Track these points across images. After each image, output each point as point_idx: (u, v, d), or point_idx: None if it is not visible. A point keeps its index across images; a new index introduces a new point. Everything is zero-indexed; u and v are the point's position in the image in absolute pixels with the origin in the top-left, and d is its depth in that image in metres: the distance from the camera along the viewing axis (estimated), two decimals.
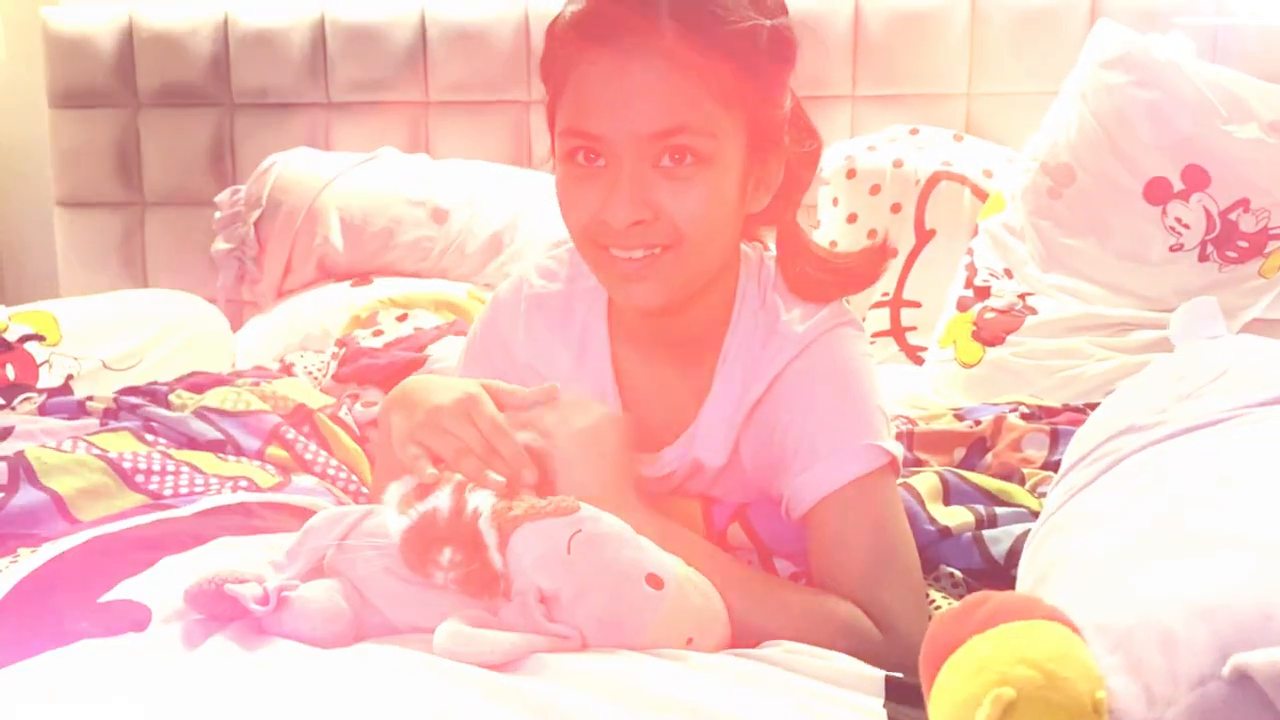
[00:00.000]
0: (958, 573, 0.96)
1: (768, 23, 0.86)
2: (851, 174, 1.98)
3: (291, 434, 1.22)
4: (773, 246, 1.01)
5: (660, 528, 0.85)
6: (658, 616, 0.75)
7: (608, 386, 1.00)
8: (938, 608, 0.92)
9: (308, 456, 1.20)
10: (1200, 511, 0.53)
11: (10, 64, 2.46)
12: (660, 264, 0.88)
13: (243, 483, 1.11)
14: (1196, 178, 1.69)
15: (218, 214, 2.15)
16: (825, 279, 0.97)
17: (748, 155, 0.89)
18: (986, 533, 0.98)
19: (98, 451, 1.10)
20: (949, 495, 1.06)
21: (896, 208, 1.96)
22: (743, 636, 0.81)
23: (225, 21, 2.25)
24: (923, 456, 1.22)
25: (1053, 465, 1.14)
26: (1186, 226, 1.69)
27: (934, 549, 0.98)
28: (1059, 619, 0.49)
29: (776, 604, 0.85)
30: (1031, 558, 0.68)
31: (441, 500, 0.79)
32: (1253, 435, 0.59)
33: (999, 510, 1.01)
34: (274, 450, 1.20)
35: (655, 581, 0.76)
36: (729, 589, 0.81)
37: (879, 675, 0.69)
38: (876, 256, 0.98)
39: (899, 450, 0.92)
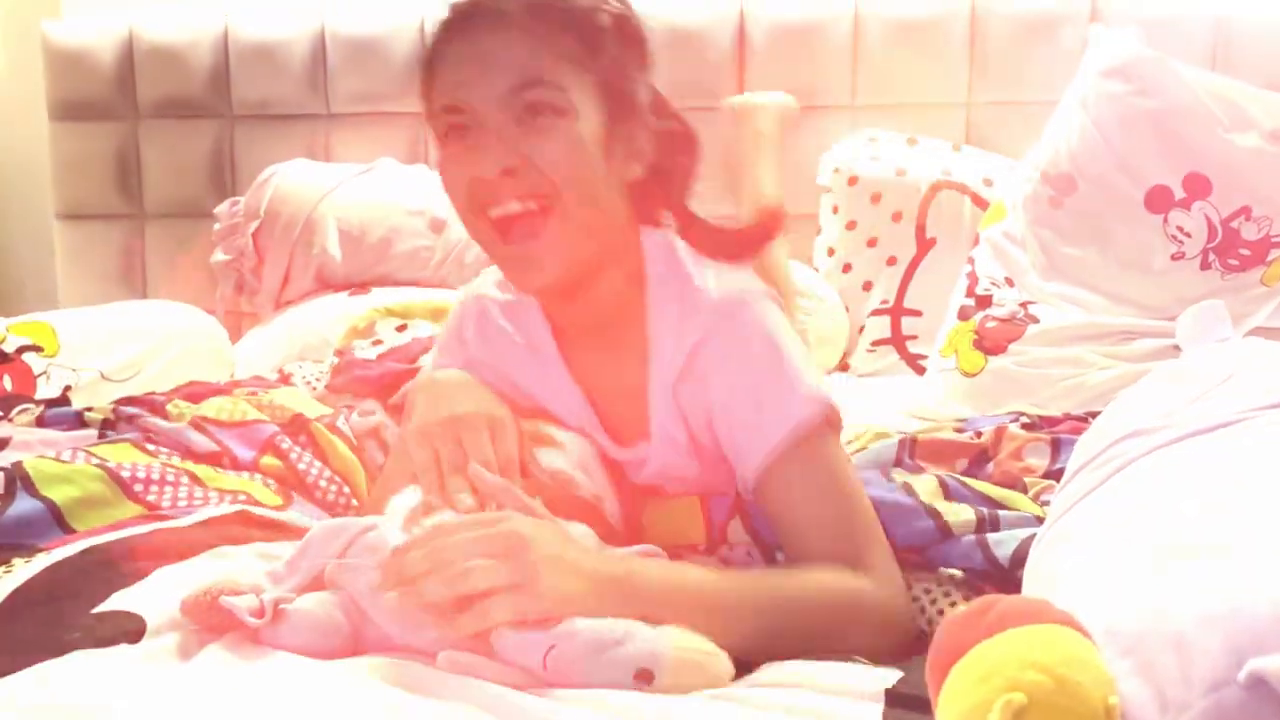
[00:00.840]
0: (958, 572, 0.94)
1: (608, 8, 0.97)
2: (853, 181, 1.98)
3: (287, 444, 1.21)
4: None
5: (662, 579, 0.83)
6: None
7: (568, 389, 1.03)
8: (941, 611, 0.92)
9: (301, 467, 1.19)
10: (1212, 515, 0.53)
11: (10, 77, 2.46)
12: (543, 236, 0.93)
13: (241, 497, 1.10)
14: (1198, 186, 1.68)
15: (217, 225, 2.14)
16: (724, 239, 1.05)
17: (606, 117, 0.95)
18: (990, 536, 0.96)
19: (97, 461, 1.09)
20: (949, 498, 1.04)
21: (897, 216, 1.95)
22: (759, 647, 0.81)
23: (225, 34, 2.25)
24: (925, 465, 1.20)
25: (1055, 474, 1.12)
26: (1188, 235, 1.69)
27: (935, 549, 0.97)
28: (1069, 623, 0.48)
29: (782, 608, 0.85)
30: (1038, 563, 0.67)
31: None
32: (1263, 438, 0.58)
33: (1002, 513, 0.99)
34: (269, 460, 1.19)
35: (645, 676, 0.72)
36: (738, 619, 0.82)
37: (880, 688, 0.68)
38: (769, 219, 1.13)
39: (835, 401, 0.96)
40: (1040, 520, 0.92)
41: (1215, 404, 0.64)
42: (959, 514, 0.97)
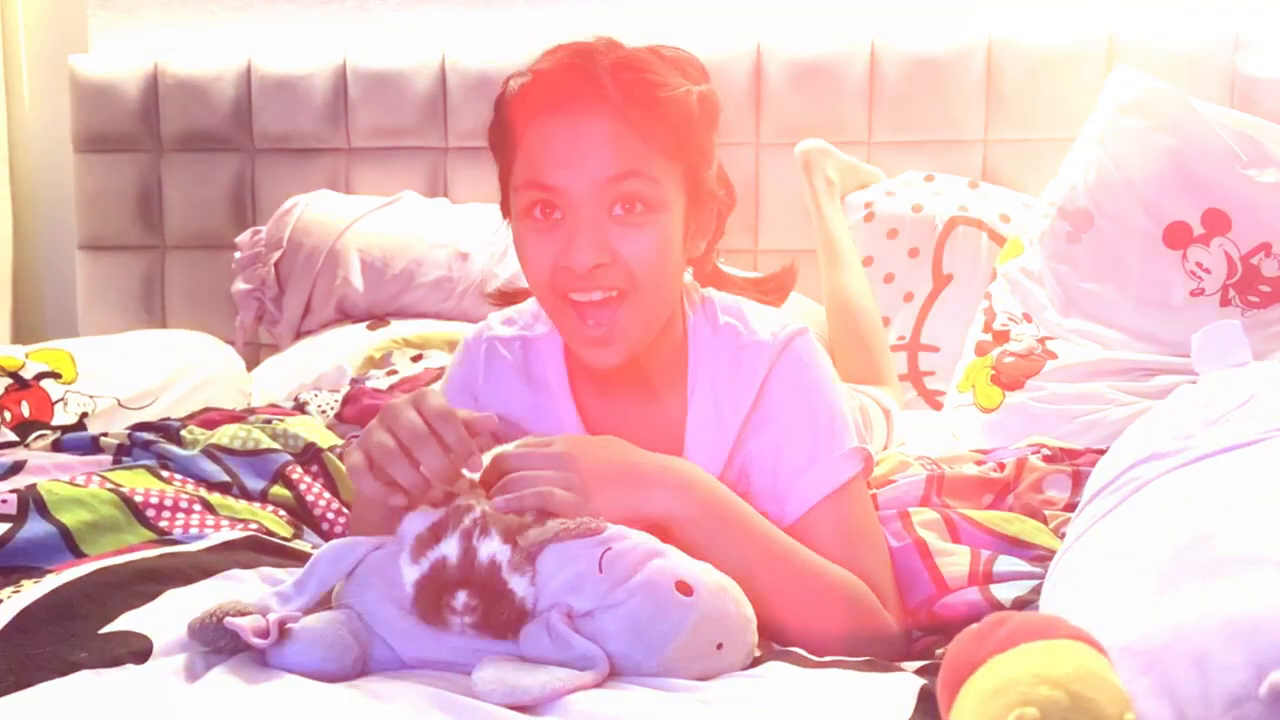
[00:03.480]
0: None
1: (696, 89, 0.96)
2: (870, 218, 1.98)
3: (298, 473, 1.21)
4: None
5: (691, 478, 0.90)
6: (688, 623, 0.75)
7: (576, 431, 1.03)
8: None
9: (310, 498, 1.19)
10: (1232, 531, 0.51)
11: (37, 109, 2.50)
12: (619, 320, 0.94)
13: (253, 525, 1.10)
14: (1217, 222, 1.67)
15: (238, 254, 2.16)
16: (748, 291, 1.12)
17: (687, 205, 0.97)
18: (993, 587, 0.94)
19: (111, 486, 1.09)
20: (957, 540, 1.03)
21: (914, 252, 1.95)
22: (769, 608, 0.84)
23: (248, 68, 2.28)
24: (950, 503, 1.19)
25: (1075, 507, 1.11)
26: (1207, 271, 1.68)
27: (933, 602, 0.96)
28: (1084, 638, 0.46)
29: (803, 573, 0.90)
30: (1053, 588, 0.65)
31: (449, 548, 0.77)
32: None
33: (999, 560, 0.97)
34: (278, 490, 1.19)
35: (685, 589, 0.76)
36: (758, 551, 0.86)
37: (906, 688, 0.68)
38: (786, 275, 1.17)
39: (870, 447, 1.02)
40: (1050, 555, 0.91)
41: (1235, 426, 0.63)
42: (955, 565, 0.97)
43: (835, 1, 2.18)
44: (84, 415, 1.60)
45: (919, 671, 0.77)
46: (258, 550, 0.98)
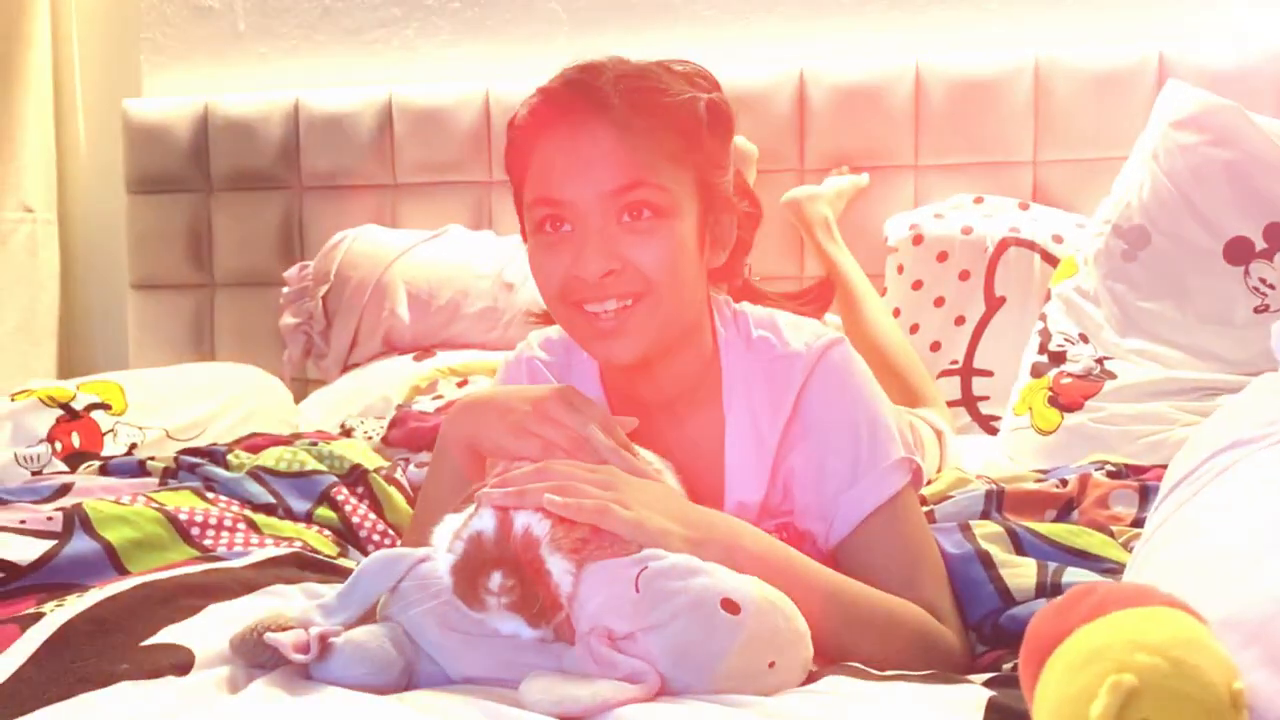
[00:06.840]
0: None
1: (704, 96, 0.96)
2: (918, 240, 1.95)
3: (343, 495, 1.19)
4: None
5: (754, 536, 0.87)
6: (736, 642, 0.71)
7: None
8: None
9: (355, 519, 1.18)
10: None
11: (92, 152, 2.55)
12: (633, 316, 0.93)
13: (297, 544, 1.09)
14: None
15: (285, 289, 2.17)
16: (782, 305, 1.10)
17: (701, 212, 0.96)
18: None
19: (156, 505, 1.08)
20: (1021, 552, 0.99)
21: (965, 275, 1.91)
22: (825, 648, 0.79)
23: (296, 107, 2.31)
24: (1011, 519, 1.15)
25: (1142, 522, 1.06)
26: (1271, 287, 1.63)
27: (1002, 616, 0.92)
28: (1180, 606, 0.43)
29: (857, 613, 0.85)
30: (1138, 573, 0.62)
31: (485, 523, 0.75)
32: None
33: (1068, 571, 0.93)
34: (323, 511, 1.18)
35: (731, 606, 0.72)
36: (810, 600, 0.80)
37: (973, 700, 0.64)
38: (824, 287, 1.17)
39: (921, 462, 0.99)
40: (1120, 569, 0.87)
41: None
42: (1021, 577, 0.93)
43: (879, 26, 2.16)
44: (133, 446, 1.61)
45: (987, 684, 0.74)
46: (302, 567, 0.97)
